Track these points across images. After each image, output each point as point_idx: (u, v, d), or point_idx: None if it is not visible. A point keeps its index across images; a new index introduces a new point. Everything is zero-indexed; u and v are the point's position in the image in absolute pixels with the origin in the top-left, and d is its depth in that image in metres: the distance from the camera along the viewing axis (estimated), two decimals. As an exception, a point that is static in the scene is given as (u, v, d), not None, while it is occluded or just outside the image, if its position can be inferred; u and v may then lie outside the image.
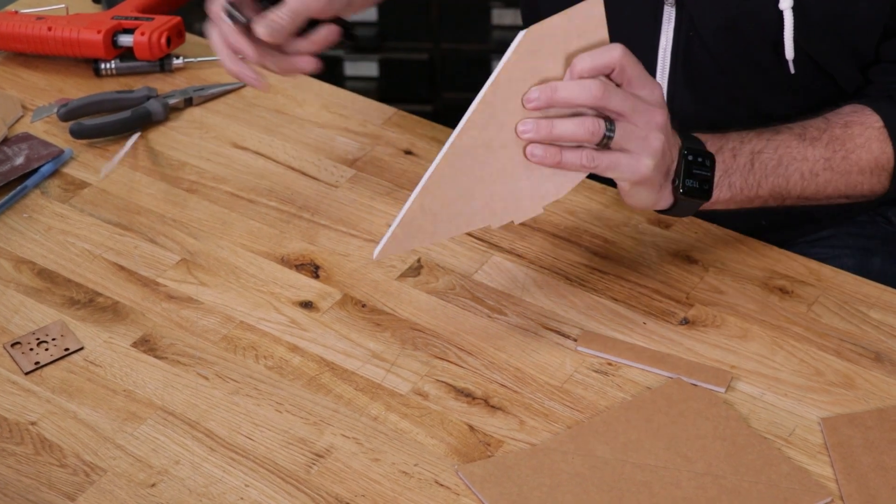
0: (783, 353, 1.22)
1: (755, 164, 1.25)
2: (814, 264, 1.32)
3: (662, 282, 1.30)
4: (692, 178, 1.18)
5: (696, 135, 1.23)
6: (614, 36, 1.19)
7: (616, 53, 1.08)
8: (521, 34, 1.03)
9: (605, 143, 1.10)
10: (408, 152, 1.47)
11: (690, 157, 1.18)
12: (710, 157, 1.20)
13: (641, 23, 1.35)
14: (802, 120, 1.30)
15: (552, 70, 1.06)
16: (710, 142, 1.23)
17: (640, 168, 1.12)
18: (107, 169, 1.43)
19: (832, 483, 1.10)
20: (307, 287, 1.30)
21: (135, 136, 1.49)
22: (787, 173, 1.26)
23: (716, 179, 1.22)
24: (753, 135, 1.25)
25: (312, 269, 1.32)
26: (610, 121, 1.09)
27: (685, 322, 1.26)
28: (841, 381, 1.20)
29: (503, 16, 2.70)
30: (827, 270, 1.31)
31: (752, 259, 1.32)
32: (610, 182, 1.43)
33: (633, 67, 1.09)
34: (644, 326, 1.25)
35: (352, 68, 2.81)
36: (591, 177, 1.32)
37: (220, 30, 1.30)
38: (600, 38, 1.08)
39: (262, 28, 1.26)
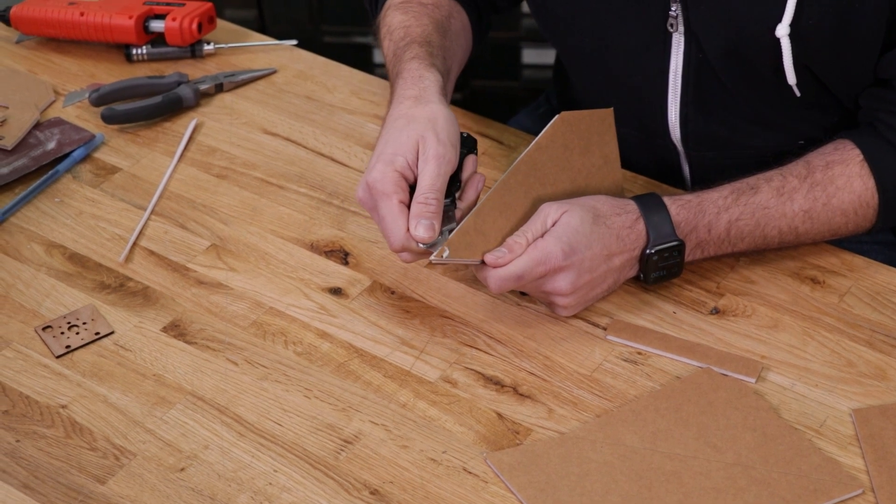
0: (814, 344, 1.22)
1: (731, 232, 1.26)
2: (846, 255, 1.31)
3: (693, 271, 1.29)
4: (658, 269, 1.24)
5: (674, 203, 1.24)
6: (626, 62, 1.39)
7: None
8: (558, 116, 1.24)
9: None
10: (438, 139, 1.47)
11: (656, 257, 1.23)
12: (679, 247, 1.23)
13: (651, 48, 1.35)
14: (786, 163, 1.29)
15: (575, 146, 1.26)
16: (686, 217, 1.24)
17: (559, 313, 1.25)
18: (172, 165, 1.43)
19: (863, 474, 1.09)
20: (336, 273, 1.30)
21: (192, 125, 1.49)
22: (764, 233, 1.27)
23: (687, 252, 1.25)
24: (732, 200, 1.26)
25: (342, 256, 1.32)
26: None
27: (716, 311, 1.25)
28: (873, 372, 1.19)
29: (534, 3, 2.68)
30: (859, 261, 1.30)
31: (784, 249, 1.31)
32: (639, 170, 1.43)
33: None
34: (674, 316, 1.25)
35: (381, 55, 2.81)
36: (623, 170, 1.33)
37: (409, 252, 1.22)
38: (610, 139, 1.29)
39: (420, 229, 1.17)
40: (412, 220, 1.18)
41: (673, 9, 1.31)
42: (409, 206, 1.19)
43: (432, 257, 1.17)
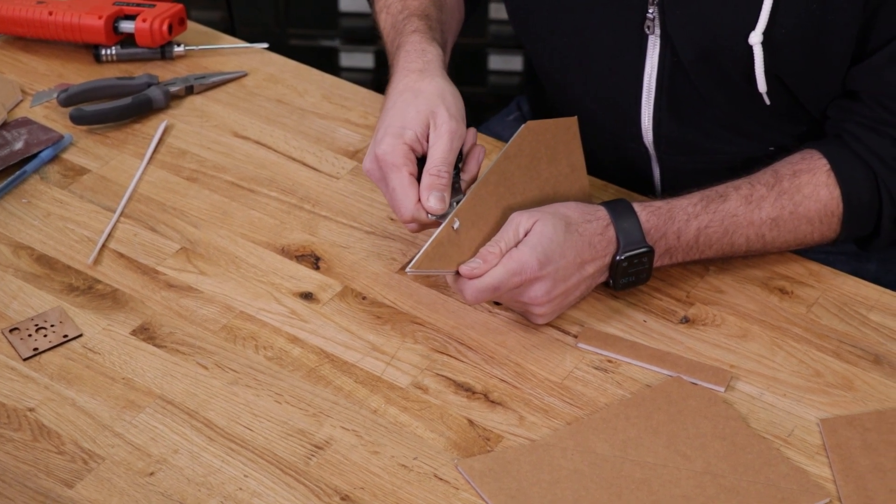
0: (782, 354, 1.23)
1: (700, 239, 1.27)
2: (813, 265, 1.32)
3: (663, 280, 1.30)
4: (627, 275, 1.25)
5: (644, 209, 1.25)
6: (602, 63, 1.40)
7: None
8: (524, 126, 1.25)
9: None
10: (409, 145, 1.47)
11: (625, 263, 1.23)
12: (648, 254, 1.24)
13: (627, 50, 1.36)
14: (754, 171, 1.31)
15: (542, 155, 1.27)
16: (655, 224, 1.25)
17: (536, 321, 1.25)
18: (141, 167, 1.42)
19: (830, 484, 1.10)
20: (307, 278, 1.30)
21: (161, 126, 1.48)
22: (732, 240, 1.28)
23: (655, 259, 1.26)
24: (701, 208, 1.27)
25: (313, 261, 1.32)
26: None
27: (685, 321, 1.26)
28: (840, 382, 1.20)
29: (500, 10, 2.69)
30: (826, 272, 1.32)
31: (753, 259, 1.32)
32: (609, 173, 1.43)
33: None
34: (644, 324, 1.25)
35: (347, 59, 2.81)
36: (591, 172, 1.33)
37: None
38: (576, 147, 1.29)
39: (433, 201, 1.21)
40: (424, 192, 1.21)
41: (650, 11, 1.32)
42: (417, 178, 1.22)
43: (408, 269, 1.18)
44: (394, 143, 1.23)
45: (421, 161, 1.24)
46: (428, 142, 1.24)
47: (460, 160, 1.27)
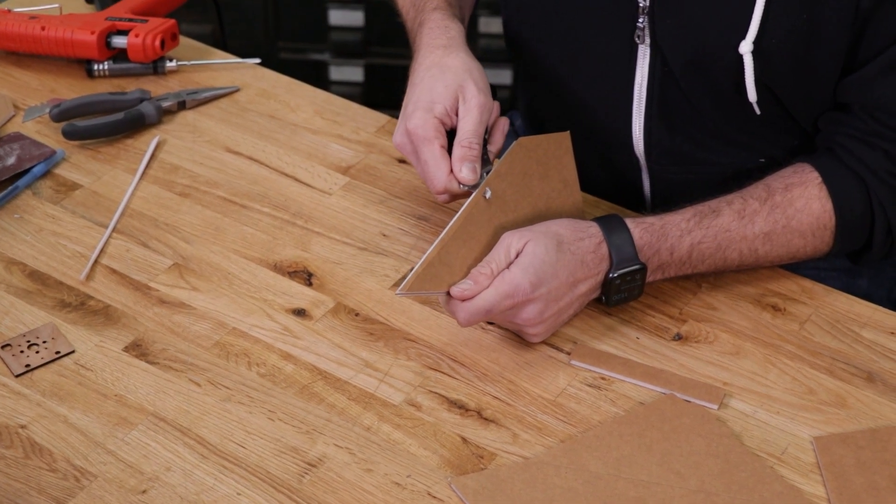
0: (776, 371, 1.23)
1: (693, 255, 1.28)
2: (806, 282, 1.32)
3: (656, 297, 1.30)
4: (620, 292, 1.25)
5: (637, 226, 1.25)
6: (593, 72, 1.41)
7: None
8: (515, 142, 1.26)
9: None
10: (401, 161, 1.47)
11: (618, 281, 1.24)
12: (641, 271, 1.24)
13: (617, 59, 1.37)
14: (746, 185, 1.31)
15: (534, 171, 1.27)
16: (648, 241, 1.25)
17: (531, 339, 1.25)
18: (134, 182, 1.42)
19: (824, 502, 1.10)
20: (300, 294, 1.29)
21: (154, 142, 1.48)
22: (725, 255, 1.28)
23: (648, 274, 1.26)
24: (694, 223, 1.27)
25: (305, 277, 1.32)
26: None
27: (678, 338, 1.26)
28: (833, 400, 1.20)
29: (489, 24, 2.70)
30: (819, 289, 1.32)
31: (745, 276, 1.32)
32: (598, 185, 1.44)
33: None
34: (637, 341, 1.25)
35: (337, 73, 2.81)
36: (581, 184, 1.33)
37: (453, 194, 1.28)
38: (569, 161, 1.30)
39: (465, 171, 1.25)
40: (456, 163, 1.25)
41: (640, 21, 1.33)
42: (448, 151, 1.26)
43: (398, 291, 1.18)
44: (424, 117, 1.26)
45: (449, 134, 1.27)
46: (457, 115, 1.27)
47: (486, 132, 1.29)
